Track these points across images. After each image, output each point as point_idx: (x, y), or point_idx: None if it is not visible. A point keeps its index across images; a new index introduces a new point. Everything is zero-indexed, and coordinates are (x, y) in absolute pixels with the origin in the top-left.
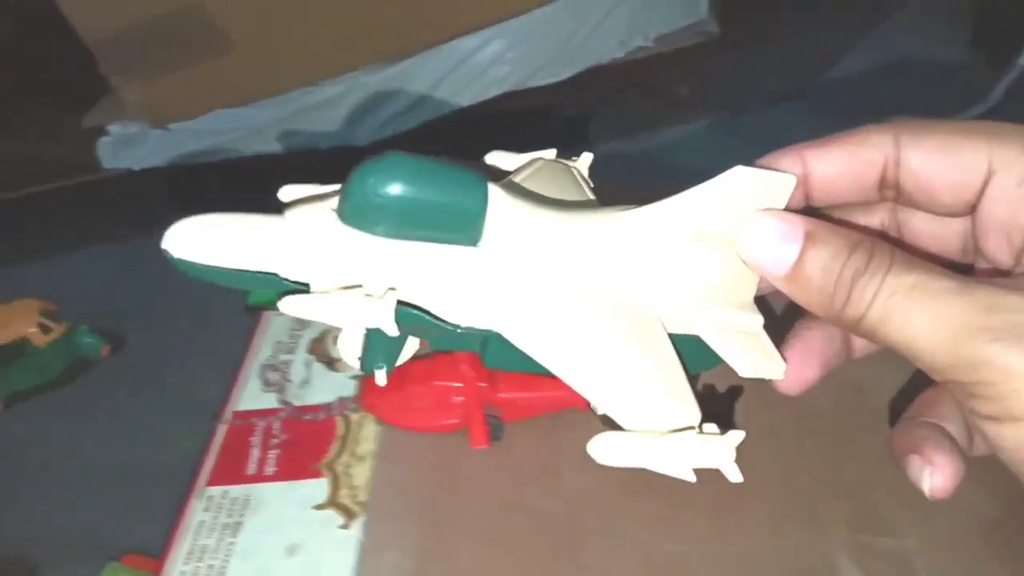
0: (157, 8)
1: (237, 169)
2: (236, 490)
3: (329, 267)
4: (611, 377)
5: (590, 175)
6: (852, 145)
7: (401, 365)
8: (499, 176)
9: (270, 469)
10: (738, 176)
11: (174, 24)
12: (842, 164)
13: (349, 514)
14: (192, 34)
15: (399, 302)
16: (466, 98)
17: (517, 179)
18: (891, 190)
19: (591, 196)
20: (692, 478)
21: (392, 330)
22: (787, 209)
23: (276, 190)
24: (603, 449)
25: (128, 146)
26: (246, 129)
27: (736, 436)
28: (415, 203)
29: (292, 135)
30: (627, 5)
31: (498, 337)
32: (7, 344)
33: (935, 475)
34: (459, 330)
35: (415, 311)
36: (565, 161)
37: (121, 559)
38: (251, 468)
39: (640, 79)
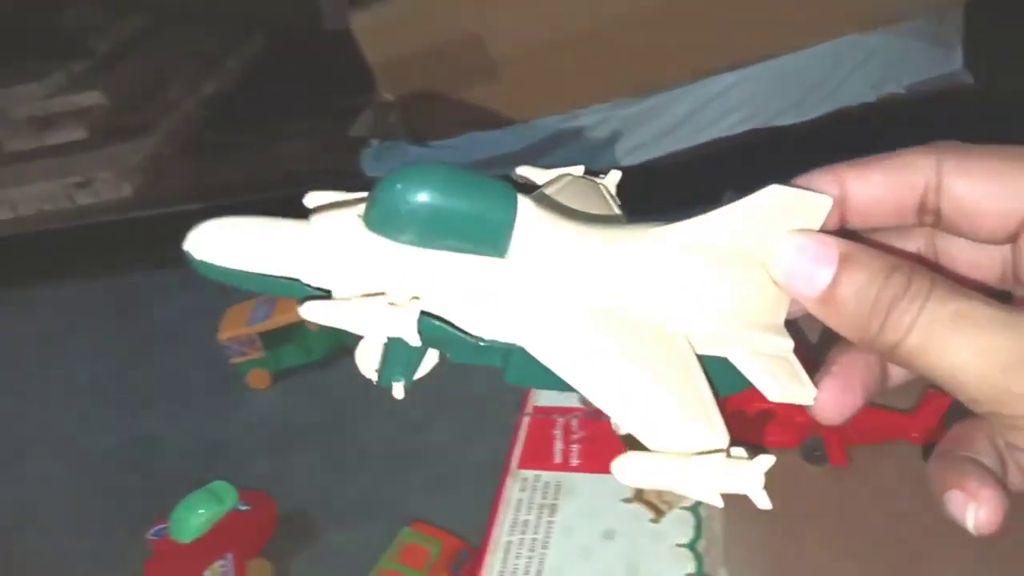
0: (441, 38)
1: None
2: (547, 475)
3: (352, 274)
4: (636, 397)
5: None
6: (894, 168)
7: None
8: (529, 190)
9: (575, 461)
10: (773, 195)
11: (451, 53)
12: (882, 187)
13: (657, 510)
14: (465, 62)
15: (422, 312)
16: (712, 132)
17: (544, 191)
18: (930, 215)
19: (616, 209)
20: (719, 503)
21: (414, 340)
22: (822, 230)
23: None
24: (626, 469)
25: (388, 157)
26: (498, 151)
27: (765, 461)
28: (444, 211)
29: (539, 159)
30: (883, 54)
31: (521, 352)
32: (283, 326)
33: (980, 510)
34: (482, 343)
35: (438, 322)
36: (593, 178)
37: (410, 525)
38: (557, 458)
39: (889, 123)
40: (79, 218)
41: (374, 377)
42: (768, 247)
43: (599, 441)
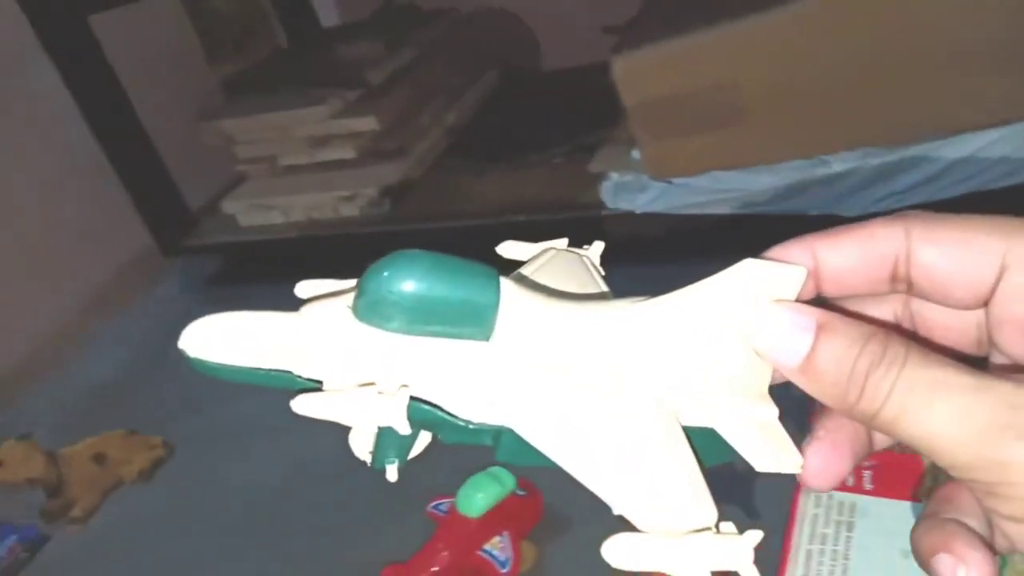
0: (695, 82)
1: (727, 222)
2: (840, 495)
3: (343, 364)
4: (627, 476)
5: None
6: (863, 239)
7: None
8: (514, 266)
9: (867, 485)
10: (748, 269)
11: (703, 95)
12: (853, 257)
13: None
14: (714, 105)
15: (412, 397)
16: (968, 186)
17: (528, 271)
18: (903, 283)
19: (603, 286)
20: None
21: (404, 428)
22: (799, 300)
23: (763, 247)
24: (618, 552)
25: (628, 191)
26: (739, 191)
27: (754, 537)
28: (428, 299)
29: (783, 201)
30: None
31: (510, 433)
32: None
33: (971, 572)
34: (471, 426)
35: (427, 406)
36: (577, 250)
37: None
38: (849, 480)
39: None
40: (341, 227)
41: (368, 459)
42: (748, 318)
43: (893, 470)
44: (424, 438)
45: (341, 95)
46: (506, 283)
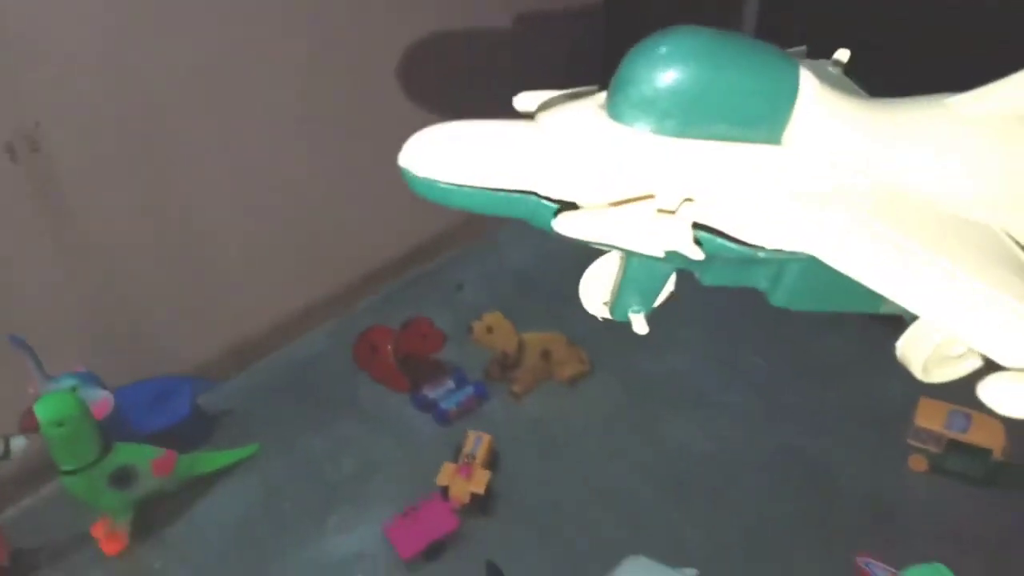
0: None
1: None
2: None
3: (601, 179)
4: (970, 301)
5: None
6: None
7: None
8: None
9: None
10: None
11: None
12: None
13: None
14: None
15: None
16: None
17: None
18: None
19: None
20: None
21: (694, 252)
22: None
23: None
24: (998, 394)
25: None
26: None
27: None
28: (713, 87)
29: None
30: None
31: (799, 266)
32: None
33: None
34: (761, 254)
35: (711, 234)
36: (823, 61)
37: None
38: None
39: None
40: None
41: (603, 312)
42: None
43: None
44: (669, 286)
45: None
46: (805, 73)
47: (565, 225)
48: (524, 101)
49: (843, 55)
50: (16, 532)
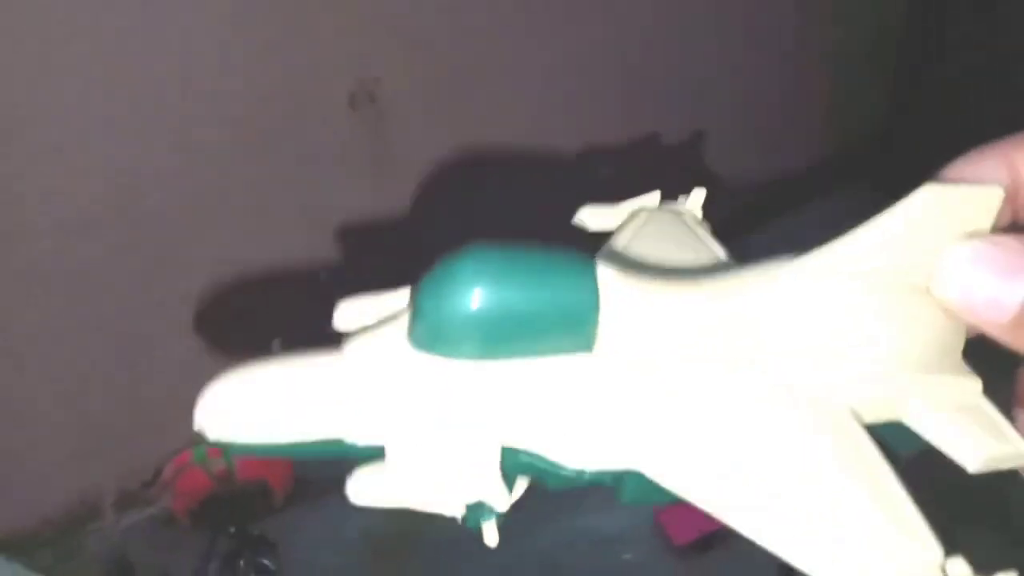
0: None
1: None
2: None
3: (407, 418)
4: (808, 515)
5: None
6: None
7: None
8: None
9: None
10: (926, 197)
11: None
12: None
13: None
14: None
15: (505, 448)
16: None
17: (620, 246)
18: None
19: (715, 247)
20: None
21: (502, 504)
22: (995, 232)
23: None
24: None
25: None
26: None
27: None
28: (510, 308)
29: None
30: None
31: (637, 475)
32: None
33: None
34: (586, 475)
35: (526, 458)
36: (672, 206)
37: None
38: None
39: None
40: None
41: (458, 515)
42: (931, 265)
43: None
44: (520, 486)
45: None
46: (603, 271)
47: (358, 494)
48: (341, 316)
49: (696, 198)
50: None
